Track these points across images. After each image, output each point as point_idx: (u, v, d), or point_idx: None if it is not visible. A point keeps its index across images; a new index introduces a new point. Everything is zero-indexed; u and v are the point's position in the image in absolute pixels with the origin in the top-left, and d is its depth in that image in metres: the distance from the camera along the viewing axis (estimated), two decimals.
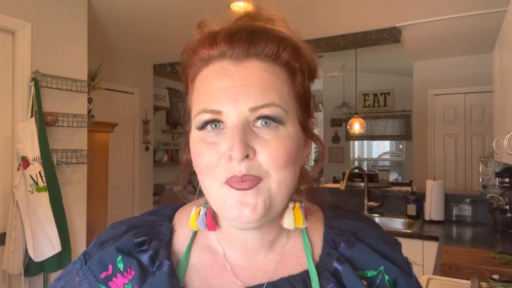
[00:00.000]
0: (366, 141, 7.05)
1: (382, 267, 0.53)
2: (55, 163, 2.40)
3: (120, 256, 0.51)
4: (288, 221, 0.50)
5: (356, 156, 7.14)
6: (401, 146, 6.99)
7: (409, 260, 0.58)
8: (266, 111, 0.45)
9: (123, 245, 0.52)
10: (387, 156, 7.32)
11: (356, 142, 7.05)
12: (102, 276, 0.51)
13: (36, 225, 2.22)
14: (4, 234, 2.23)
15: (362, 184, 3.25)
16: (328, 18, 3.23)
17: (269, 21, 0.51)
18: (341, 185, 3.18)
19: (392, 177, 5.90)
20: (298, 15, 3.17)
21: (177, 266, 0.53)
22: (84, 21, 2.73)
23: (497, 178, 2.73)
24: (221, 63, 0.47)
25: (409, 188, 3.19)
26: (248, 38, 0.47)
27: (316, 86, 7.21)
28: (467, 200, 2.85)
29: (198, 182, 0.50)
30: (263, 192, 0.45)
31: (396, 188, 3.32)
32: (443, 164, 4.44)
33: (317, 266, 0.52)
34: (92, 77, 3.05)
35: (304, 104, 0.51)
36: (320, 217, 0.59)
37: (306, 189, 0.55)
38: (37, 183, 2.23)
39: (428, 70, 4.49)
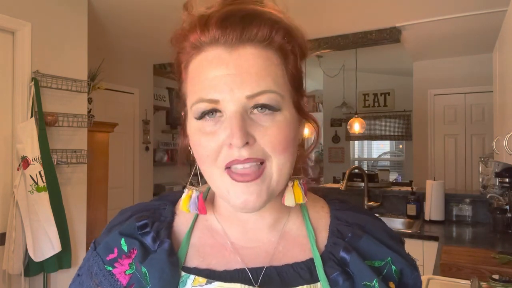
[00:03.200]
0: (366, 141, 7.04)
1: (389, 258, 0.54)
2: (55, 163, 2.40)
3: (123, 239, 0.54)
4: (289, 199, 0.52)
5: (356, 156, 7.13)
6: (401, 146, 6.98)
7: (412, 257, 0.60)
8: (263, 99, 0.46)
9: (126, 229, 0.55)
10: (387, 156, 7.32)
11: (356, 142, 7.04)
12: (108, 258, 0.54)
13: (36, 225, 2.22)
14: (4, 234, 2.23)
15: (362, 184, 3.25)
16: (328, 18, 3.23)
17: (258, 2, 0.50)
18: (341, 185, 3.18)
19: (392, 177, 5.90)
20: (298, 15, 3.16)
21: (179, 247, 0.54)
22: (84, 21, 2.73)
23: (497, 178, 2.73)
24: (215, 50, 0.47)
25: (409, 188, 3.19)
26: (240, 22, 0.46)
27: (316, 86, 7.21)
28: (467, 200, 2.85)
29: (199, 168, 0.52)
30: (266, 180, 0.47)
31: (396, 188, 3.32)
32: (443, 164, 4.44)
33: (322, 255, 0.53)
34: (92, 77, 3.05)
35: (297, 85, 0.51)
36: (325, 208, 0.60)
37: (300, 165, 0.56)
38: (37, 183, 2.23)
39: (428, 70, 4.48)
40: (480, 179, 3.04)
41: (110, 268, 0.53)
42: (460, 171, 4.38)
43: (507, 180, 2.60)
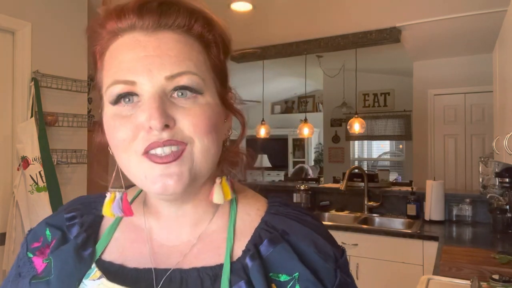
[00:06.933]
0: (366, 141, 7.05)
1: (296, 274, 0.47)
2: (55, 163, 2.40)
3: (47, 229, 0.56)
4: (217, 196, 0.50)
5: (356, 156, 7.13)
6: (401, 146, 6.99)
7: (348, 280, 0.50)
8: (183, 80, 0.44)
9: (53, 220, 0.57)
10: (387, 156, 7.32)
11: (356, 142, 7.04)
12: (32, 246, 0.56)
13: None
14: (4, 234, 2.23)
15: (362, 184, 3.25)
16: (328, 18, 3.23)
17: None
18: (341, 185, 3.18)
19: (392, 177, 5.90)
20: (298, 15, 3.17)
21: (99, 239, 0.54)
22: (84, 21, 2.73)
23: (497, 178, 2.73)
24: (132, 34, 0.45)
25: (409, 188, 3.19)
26: (158, 9, 0.45)
27: (316, 86, 7.21)
28: (467, 200, 2.85)
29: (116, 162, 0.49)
30: (188, 162, 0.44)
31: (396, 188, 3.32)
32: (443, 164, 4.44)
33: (235, 261, 0.49)
34: (92, 77, 3.05)
35: (222, 77, 0.50)
36: (260, 211, 0.55)
37: (228, 160, 0.54)
38: (37, 183, 2.23)
39: (428, 70, 4.49)
40: (480, 179, 3.04)
41: (31, 255, 0.55)
42: (460, 171, 4.38)
43: (507, 180, 2.60)
